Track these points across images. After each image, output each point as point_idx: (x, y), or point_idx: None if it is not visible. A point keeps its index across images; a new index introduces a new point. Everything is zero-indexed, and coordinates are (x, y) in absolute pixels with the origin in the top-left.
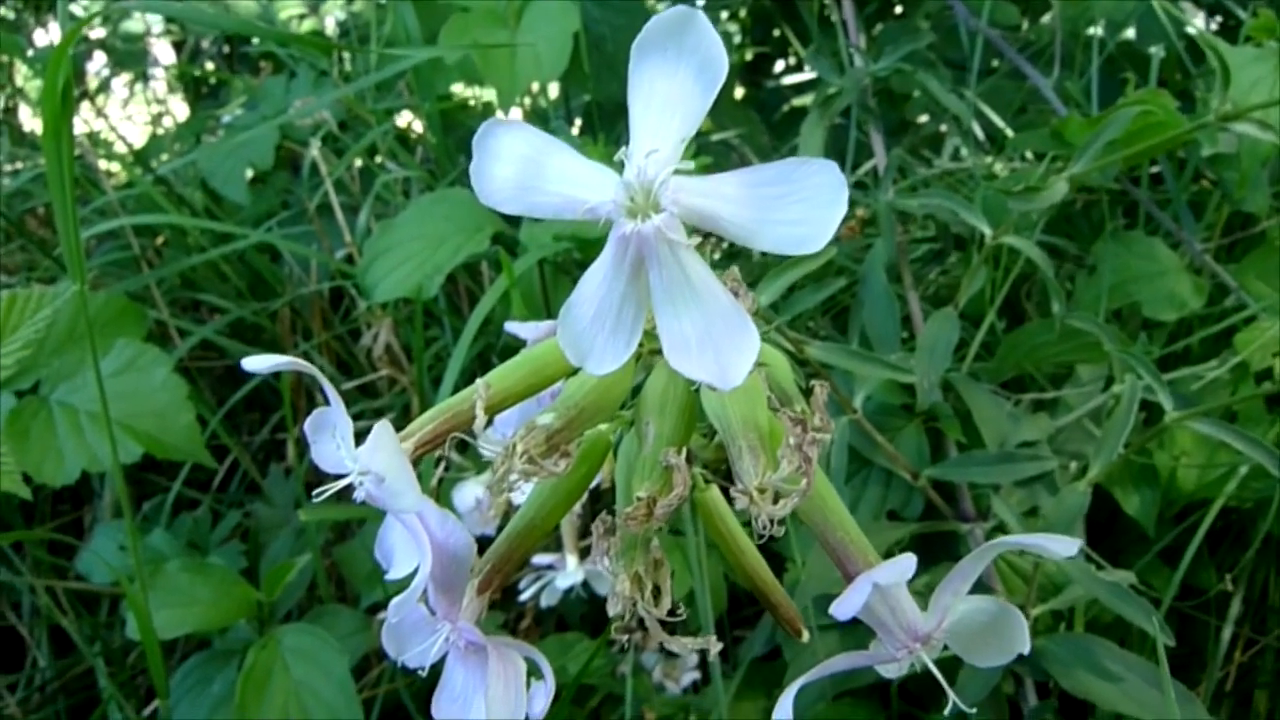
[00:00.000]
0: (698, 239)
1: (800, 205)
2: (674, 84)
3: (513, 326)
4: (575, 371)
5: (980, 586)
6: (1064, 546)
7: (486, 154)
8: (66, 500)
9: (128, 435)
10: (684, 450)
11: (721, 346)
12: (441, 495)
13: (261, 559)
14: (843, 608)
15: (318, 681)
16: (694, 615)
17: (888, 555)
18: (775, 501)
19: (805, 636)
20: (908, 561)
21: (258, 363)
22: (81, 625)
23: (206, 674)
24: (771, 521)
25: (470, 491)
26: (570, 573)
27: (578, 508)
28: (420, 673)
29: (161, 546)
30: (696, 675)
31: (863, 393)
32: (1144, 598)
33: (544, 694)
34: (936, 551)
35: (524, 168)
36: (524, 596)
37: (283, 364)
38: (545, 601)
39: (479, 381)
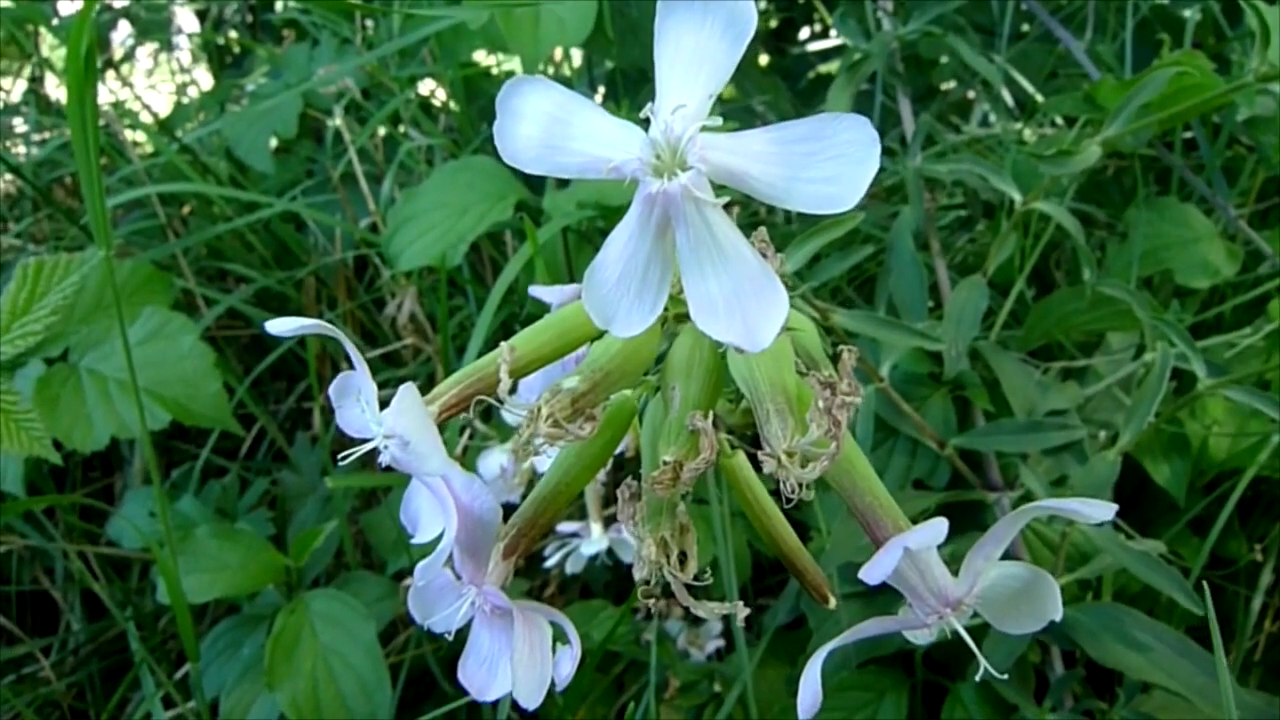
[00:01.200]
0: (725, 198)
1: (831, 163)
2: (701, 38)
3: (537, 290)
4: (601, 335)
5: (1006, 556)
6: (1100, 511)
7: (510, 113)
8: (97, 467)
9: (155, 402)
10: (710, 414)
11: (749, 308)
12: (467, 464)
13: (289, 526)
14: (873, 572)
15: (345, 646)
16: (718, 583)
17: (914, 524)
18: (804, 465)
19: (832, 603)
20: (939, 525)
21: (282, 325)
22: (113, 590)
23: (236, 638)
24: (800, 485)
25: (495, 460)
26: (595, 540)
27: (602, 475)
28: (446, 638)
29: (191, 513)
30: (720, 643)
31: (889, 361)
32: (1173, 567)
33: (570, 659)
34: (963, 521)
35: (548, 126)
36: (549, 564)
37: (308, 326)
38: (570, 569)
39: (504, 345)
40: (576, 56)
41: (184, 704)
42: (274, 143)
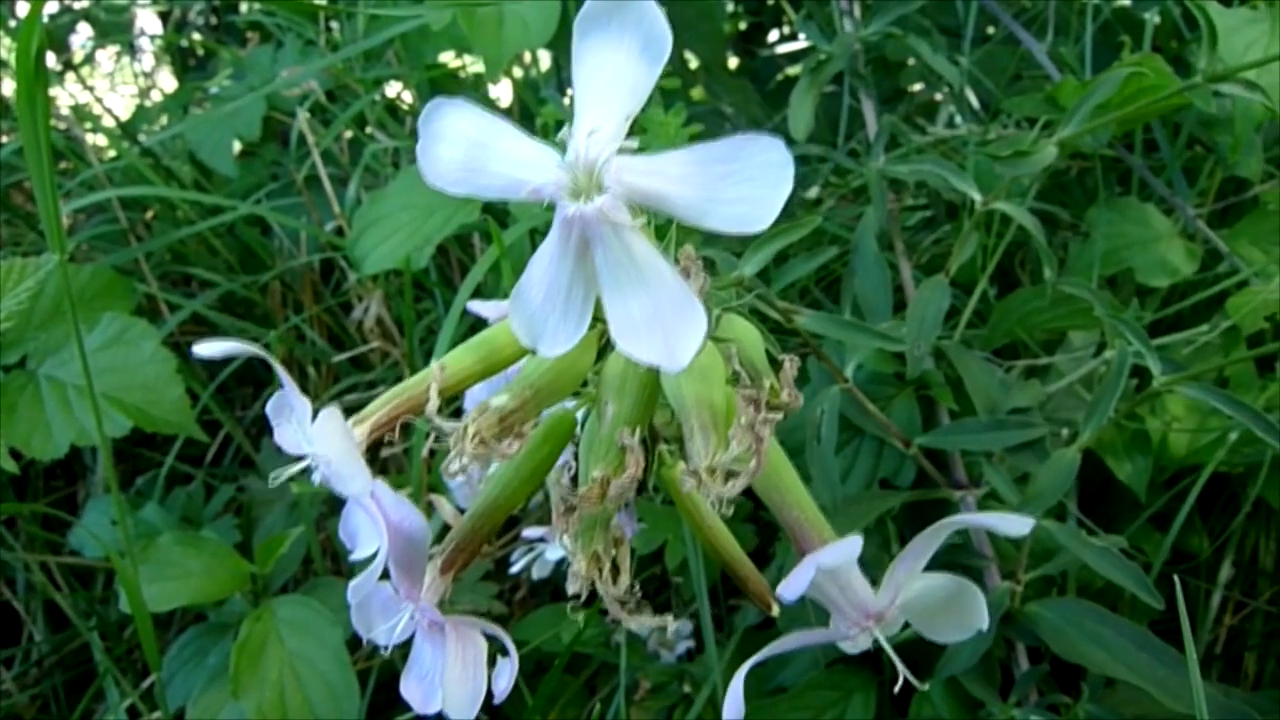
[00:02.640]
0: (643, 220)
1: (746, 184)
2: (618, 59)
3: (475, 306)
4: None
5: (973, 552)
6: (1016, 525)
7: (432, 135)
8: (60, 476)
9: (116, 409)
10: (638, 430)
11: (669, 327)
12: (433, 469)
13: (255, 532)
14: (789, 589)
15: (312, 652)
16: (688, 584)
17: (880, 524)
18: (725, 482)
19: (774, 610)
20: (853, 544)
21: (210, 349)
22: (77, 600)
23: (202, 647)
24: (722, 501)
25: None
26: (560, 544)
27: (567, 480)
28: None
29: (154, 520)
30: (691, 644)
31: (854, 361)
32: (1134, 562)
33: (508, 672)
34: (929, 519)
35: (468, 149)
36: (515, 569)
37: (234, 350)
38: (536, 574)
39: (434, 363)
40: (545, 59)
41: (150, 714)
42: (238, 146)
